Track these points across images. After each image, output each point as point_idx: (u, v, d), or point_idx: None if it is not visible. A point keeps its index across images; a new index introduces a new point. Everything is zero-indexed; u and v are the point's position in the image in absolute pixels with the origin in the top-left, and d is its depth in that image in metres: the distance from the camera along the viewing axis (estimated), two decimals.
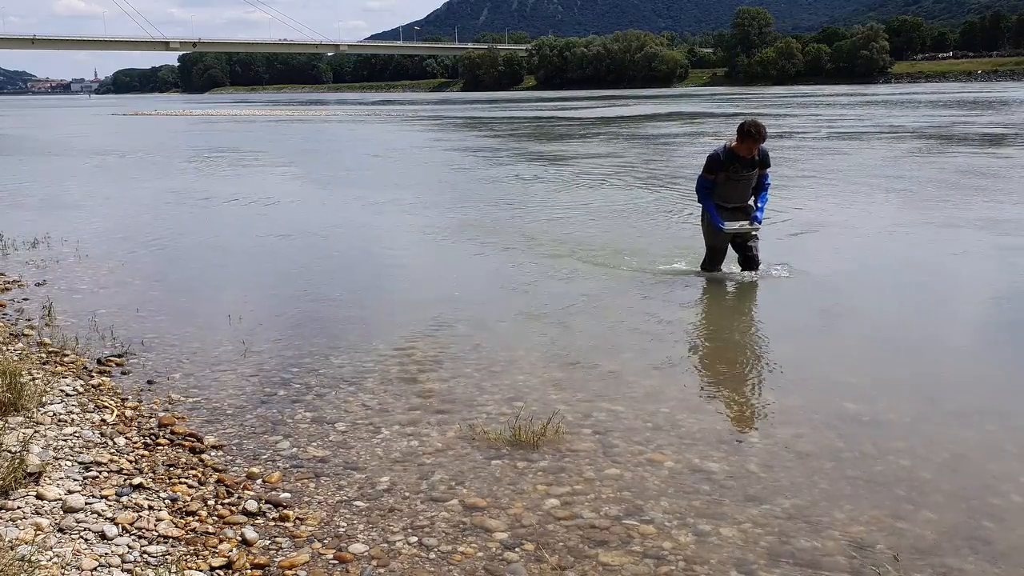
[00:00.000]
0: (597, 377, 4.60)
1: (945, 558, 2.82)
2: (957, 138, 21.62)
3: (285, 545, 2.94)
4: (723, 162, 6.49)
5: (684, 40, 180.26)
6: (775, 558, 2.84)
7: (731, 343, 5.46)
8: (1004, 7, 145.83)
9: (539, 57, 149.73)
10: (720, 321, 5.99)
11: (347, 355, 5.00)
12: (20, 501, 3.03)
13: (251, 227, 10.30)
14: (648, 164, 16.61)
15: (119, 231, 9.81)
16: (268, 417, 4.07)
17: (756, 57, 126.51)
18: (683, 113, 41.19)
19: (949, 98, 52.38)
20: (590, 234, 9.01)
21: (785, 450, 3.67)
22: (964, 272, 7.28)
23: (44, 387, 4.19)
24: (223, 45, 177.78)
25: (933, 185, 12.61)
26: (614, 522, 3.07)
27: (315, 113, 53.13)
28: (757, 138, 6.32)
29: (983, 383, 4.59)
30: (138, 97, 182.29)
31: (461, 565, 2.82)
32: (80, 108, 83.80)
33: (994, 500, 3.20)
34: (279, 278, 7.20)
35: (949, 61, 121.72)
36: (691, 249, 7.57)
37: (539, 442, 3.68)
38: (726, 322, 5.98)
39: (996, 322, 5.81)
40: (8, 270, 7.48)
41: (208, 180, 15.68)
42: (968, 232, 8.77)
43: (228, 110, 60.77)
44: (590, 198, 11.92)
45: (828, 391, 4.40)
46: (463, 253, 8.12)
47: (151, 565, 2.73)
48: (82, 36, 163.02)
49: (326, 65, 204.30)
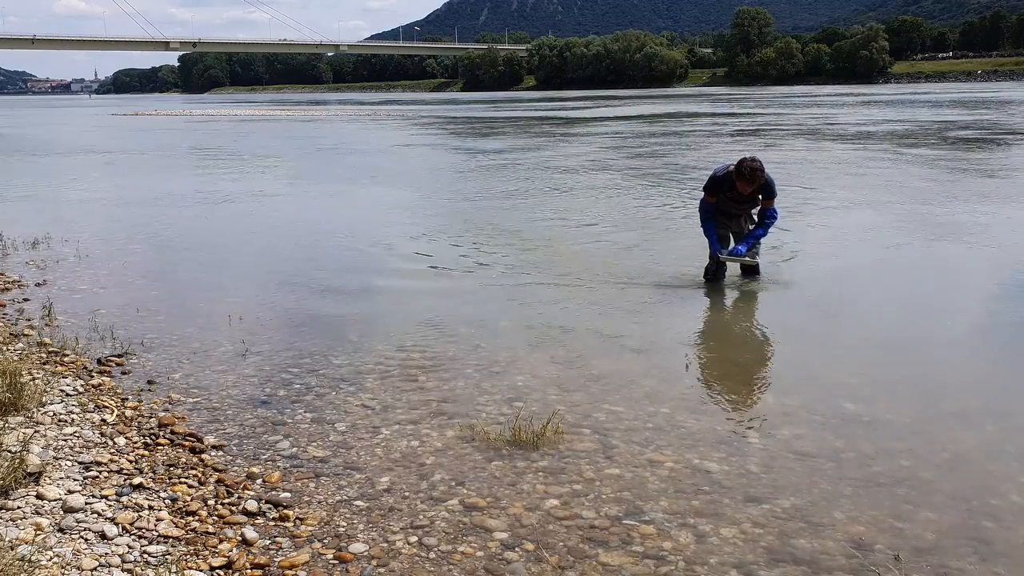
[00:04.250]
0: (597, 377, 4.60)
1: (945, 558, 2.82)
2: (958, 138, 21.62)
3: (285, 545, 2.94)
4: (722, 185, 6.37)
5: (684, 40, 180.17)
6: (775, 558, 2.84)
7: (731, 343, 5.46)
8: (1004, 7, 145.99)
9: (539, 57, 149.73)
10: (720, 322, 5.99)
11: (347, 355, 5.00)
12: (20, 501, 3.03)
13: (251, 227, 10.30)
14: (652, 165, 16.61)
15: (119, 231, 9.81)
16: (268, 417, 4.07)
17: (756, 57, 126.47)
18: (682, 113, 41.19)
19: (949, 98, 52.38)
20: (590, 235, 9.01)
21: (785, 450, 3.67)
22: (964, 272, 7.28)
23: (44, 387, 4.19)
24: (223, 45, 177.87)
25: (933, 185, 12.61)
26: (614, 522, 3.07)
27: (315, 113, 53.13)
28: (750, 180, 6.17)
29: (983, 383, 4.59)
30: (138, 97, 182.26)
31: (461, 565, 2.83)
32: (80, 108, 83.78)
33: (994, 500, 3.20)
34: (279, 278, 7.19)
35: (949, 61, 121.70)
36: (692, 248, 7.56)
37: (539, 442, 3.68)
38: (726, 323, 5.98)
39: (996, 322, 5.81)
40: (8, 270, 7.47)
41: (208, 180, 15.67)
42: (968, 232, 8.77)
43: (228, 110, 60.75)
44: (591, 198, 11.92)
45: (828, 391, 4.40)
46: (464, 253, 8.12)
47: (151, 565, 2.73)
48: (82, 36, 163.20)
49: (326, 65, 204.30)
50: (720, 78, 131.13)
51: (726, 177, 6.32)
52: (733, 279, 6.75)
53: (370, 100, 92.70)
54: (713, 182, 6.44)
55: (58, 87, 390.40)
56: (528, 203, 11.55)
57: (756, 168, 6.13)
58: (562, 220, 10.02)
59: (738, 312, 6.25)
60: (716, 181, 6.41)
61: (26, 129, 39.80)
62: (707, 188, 6.52)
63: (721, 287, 6.59)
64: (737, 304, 6.37)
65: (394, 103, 76.32)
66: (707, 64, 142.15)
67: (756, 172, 6.14)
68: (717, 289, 6.55)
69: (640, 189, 12.86)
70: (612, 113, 43.14)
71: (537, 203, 11.55)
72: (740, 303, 6.39)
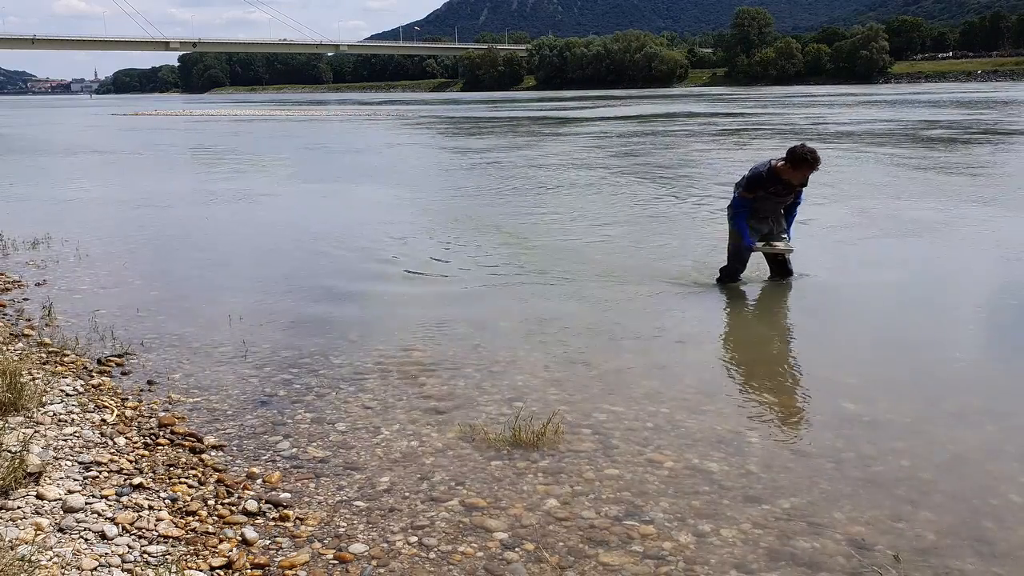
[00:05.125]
0: (597, 377, 4.60)
1: (945, 558, 2.82)
2: (958, 137, 21.62)
3: (285, 545, 2.94)
4: (765, 183, 6.20)
5: (684, 40, 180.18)
6: (775, 558, 2.84)
7: (731, 343, 5.46)
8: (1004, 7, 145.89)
9: (539, 57, 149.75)
10: (720, 321, 5.99)
11: (347, 355, 5.00)
12: (20, 501, 3.03)
13: (251, 227, 10.30)
14: (652, 165, 16.61)
15: (119, 231, 9.81)
16: (268, 417, 4.07)
17: (756, 57, 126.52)
18: (680, 113, 41.19)
19: (949, 98, 52.37)
20: (590, 235, 9.01)
21: (785, 450, 3.67)
22: (964, 272, 7.28)
23: (44, 387, 4.19)
24: (223, 45, 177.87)
25: (933, 184, 12.60)
26: (614, 522, 3.07)
27: (315, 113, 53.13)
28: (814, 165, 6.02)
29: (983, 383, 4.59)
30: (138, 97, 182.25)
31: (461, 565, 2.83)
32: (80, 108, 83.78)
33: (994, 500, 3.20)
34: (279, 278, 7.19)
35: (949, 61, 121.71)
36: (692, 250, 7.58)
37: (539, 442, 3.68)
38: (725, 323, 5.98)
39: (996, 322, 5.81)
40: (8, 270, 7.47)
41: (209, 180, 15.67)
42: (968, 232, 8.77)
43: (228, 110, 60.75)
44: (591, 200, 11.92)
45: (828, 391, 4.40)
46: (464, 253, 8.12)
47: (151, 565, 2.73)
48: (82, 36, 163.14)
49: (326, 65, 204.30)
50: (720, 78, 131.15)
51: (769, 173, 6.15)
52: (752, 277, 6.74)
53: (370, 100, 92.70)
54: (753, 179, 6.24)
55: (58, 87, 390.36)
56: (528, 203, 11.55)
57: (815, 151, 6.00)
58: (562, 220, 10.01)
59: (738, 312, 6.25)
60: (757, 179, 6.22)
61: (26, 129, 39.81)
62: (746, 185, 6.31)
63: (720, 288, 6.58)
64: (737, 304, 6.37)
65: (394, 103, 76.31)
66: (707, 64, 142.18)
67: (817, 155, 6.00)
68: (716, 290, 6.55)
69: (640, 189, 12.85)
70: (612, 113, 43.15)
71: (537, 203, 11.55)
72: (740, 303, 6.39)
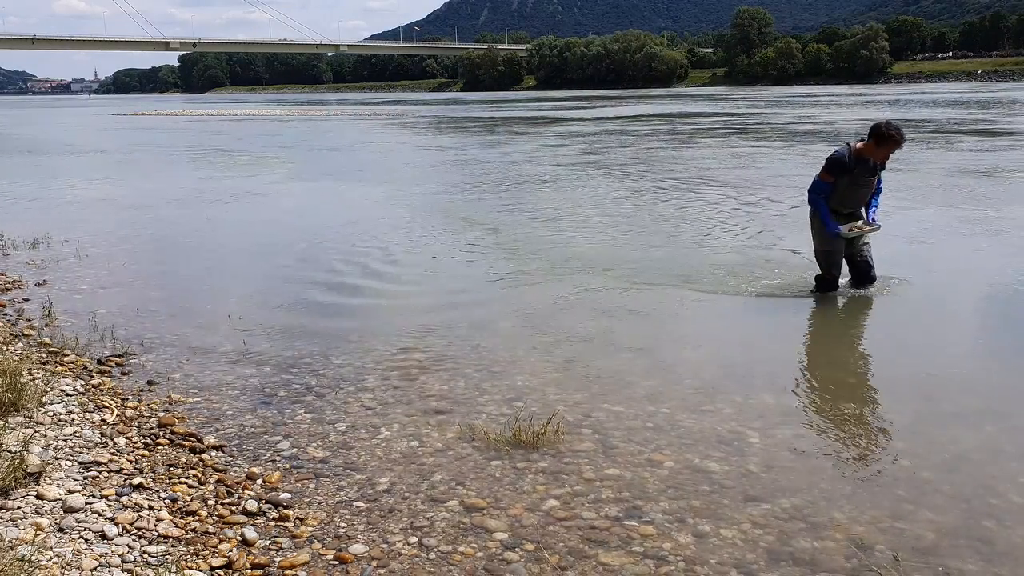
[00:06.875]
0: (597, 377, 4.60)
1: (945, 558, 2.82)
2: (958, 137, 21.61)
3: (285, 545, 2.94)
4: (848, 165, 5.92)
5: (684, 40, 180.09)
6: (775, 558, 2.84)
7: (730, 343, 5.45)
8: (1004, 7, 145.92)
9: (539, 57, 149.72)
10: (719, 321, 5.98)
11: (347, 355, 5.01)
12: (20, 501, 3.03)
13: (251, 227, 10.30)
14: (651, 165, 16.61)
15: (119, 231, 9.81)
16: (268, 417, 4.07)
17: (756, 57, 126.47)
18: (678, 113, 41.19)
19: (949, 98, 52.35)
20: (590, 235, 9.01)
21: (785, 450, 3.67)
22: (964, 272, 7.28)
23: (44, 387, 4.19)
24: (223, 45, 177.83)
25: (933, 184, 12.60)
26: (614, 522, 3.07)
27: (315, 113, 53.13)
28: (900, 142, 5.85)
29: (983, 383, 4.59)
30: (138, 97, 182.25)
31: (461, 565, 2.82)
32: (80, 108, 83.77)
33: (994, 500, 3.20)
34: (279, 278, 7.19)
35: (949, 61, 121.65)
36: (695, 250, 7.58)
37: (539, 442, 3.68)
38: (726, 322, 5.97)
39: (996, 322, 5.82)
40: (8, 270, 7.48)
41: (209, 179, 15.67)
42: (968, 232, 8.77)
43: (228, 110, 60.77)
44: (591, 200, 11.92)
45: (828, 391, 4.40)
46: (464, 253, 8.12)
47: (151, 565, 2.73)
48: (82, 36, 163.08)
49: (326, 65, 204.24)
50: (720, 78, 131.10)
51: (851, 156, 5.93)
52: (752, 277, 6.73)
53: (370, 100, 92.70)
54: (835, 161, 5.95)
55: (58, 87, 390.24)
56: (528, 203, 11.55)
57: (900, 127, 5.84)
58: (562, 220, 10.01)
59: (737, 312, 6.24)
60: (838, 162, 5.94)
61: (26, 129, 39.81)
62: (828, 168, 6.01)
63: (721, 288, 6.57)
64: (737, 304, 6.36)
65: (394, 103, 76.30)
66: (707, 64, 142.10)
67: (902, 132, 5.84)
68: (718, 289, 6.54)
69: (640, 188, 12.85)
70: (611, 113, 43.14)
71: (538, 203, 11.55)
72: (739, 303, 6.38)
